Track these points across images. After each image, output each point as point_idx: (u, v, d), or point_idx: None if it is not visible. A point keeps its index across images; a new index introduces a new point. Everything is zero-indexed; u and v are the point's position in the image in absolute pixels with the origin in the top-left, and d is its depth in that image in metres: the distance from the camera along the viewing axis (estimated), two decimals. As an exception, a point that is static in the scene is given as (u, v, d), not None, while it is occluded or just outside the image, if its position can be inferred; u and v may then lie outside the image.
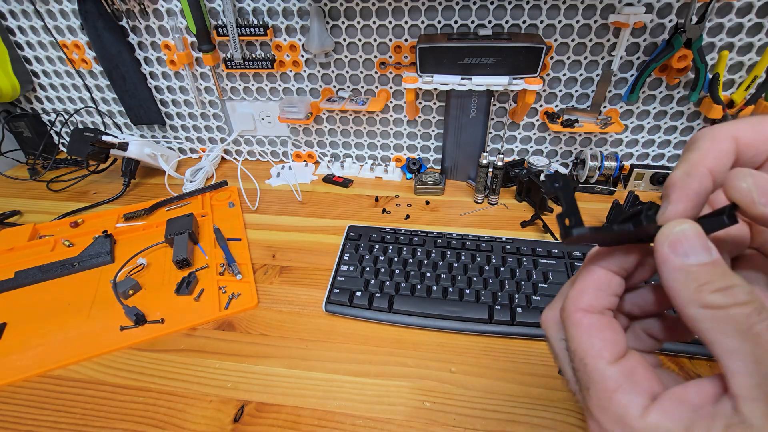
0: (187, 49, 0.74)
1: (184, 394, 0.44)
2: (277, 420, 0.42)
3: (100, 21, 0.71)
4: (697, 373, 0.44)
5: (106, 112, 0.87)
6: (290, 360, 0.48)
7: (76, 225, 0.70)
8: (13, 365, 0.48)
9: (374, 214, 0.71)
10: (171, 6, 0.70)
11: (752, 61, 0.62)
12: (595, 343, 0.18)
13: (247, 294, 0.55)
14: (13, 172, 0.87)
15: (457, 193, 0.76)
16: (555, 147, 0.77)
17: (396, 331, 0.51)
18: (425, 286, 0.54)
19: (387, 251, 0.59)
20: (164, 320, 0.52)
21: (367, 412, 0.42)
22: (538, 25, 0.64)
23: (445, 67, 0.63)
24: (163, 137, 0.88)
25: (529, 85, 0.63)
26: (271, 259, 0.62)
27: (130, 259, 0.61)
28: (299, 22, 0.69)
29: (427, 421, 0.41)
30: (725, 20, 0.60)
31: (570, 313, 0.18)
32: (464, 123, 0.72)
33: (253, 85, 0.78)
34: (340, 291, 0.54)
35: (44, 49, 0.79)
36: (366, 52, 0.71)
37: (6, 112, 0.86)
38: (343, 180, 0.79)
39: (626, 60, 0.66)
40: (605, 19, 0.62)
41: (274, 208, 0.74)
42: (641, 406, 0.16)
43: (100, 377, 0.46)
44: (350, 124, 0.80)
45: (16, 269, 0.59)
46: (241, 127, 0.84)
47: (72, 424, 0.42)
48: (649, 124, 0.72)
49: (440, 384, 0.44)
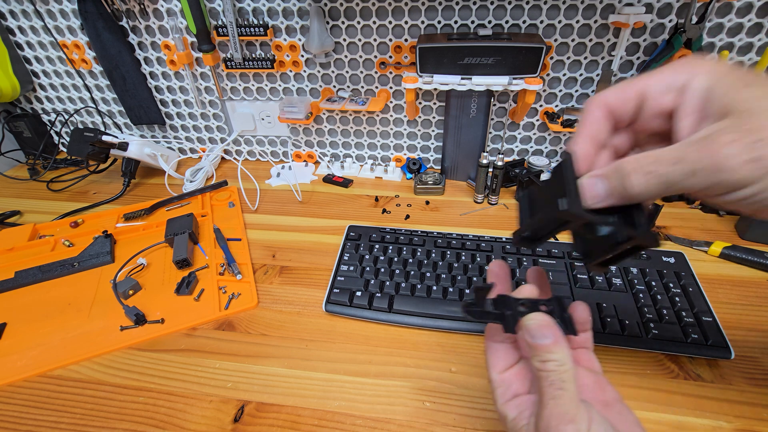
0: (187, 49, 0.74)
1: (184, 394, 0.44)
2: (277, 420, 0.42)
3: (100, 21, 0.71)
4: (697, 373, 0.44)
5: (106, 112, 0.87)
6: (290, 360, 0.48)
7: (76, 225, 0.70)
8: (13, 365, 0.48)
9: (374, 214, 0.71)
10: (171, 6, 0.70)
11: (752, 61, 0.62)
12: (492, 360, 0.30)
13: (247, 294, 0.55)
14: (13, 172, 0.87)
15: (457, 193, 0.76)
16: (555, 147, 0.77)
17: (396, 331, 0.51)
18: (425, 286, 0.54)
19: (387, 251, 0.59)
20: (164, 320, 0.52)
21: (367, 412, 0.42)
22: (538, 25, 0.64)
23: (445, 67, 0.63)
24: (163, 137, 0.89)
25: (529, 85, 0.63)
26: (271, 259, 0.62)
27: (130, 259, 0.61)
28: (299, 22, 0.69)
29: (427, 421, 0.41)
30: (725, 20, 0.60)
31: (486, 341, 0.31)
32: (464, 123, 0.72)
33: (253, 85, 0.78)
34: (340, 291, 0.54)
35: (44, 49, 0.79)
36: (366, 52, 0.71)
37: (6, 112, 0.86)
38: (343, 180, 0.79)
39: (626, 60, 0.66)
40: (605, 19, 0.62)
41: (274, 208, 0.74)
42: (505, 399, 0.28)
43: (100, 377, 0.46)
44: (350, 124, 0.80)
45: (16, 269, 0.59)
46: (241, 127, 0.84)
47: (72, 424, 0.42)
48: (649, 124, 0.72)
49: (440, 384, 0.44)
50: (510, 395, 0.28)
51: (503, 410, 0.28)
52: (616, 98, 0.26)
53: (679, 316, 0.48)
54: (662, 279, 0.53)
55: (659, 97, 0.24)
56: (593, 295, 0.51)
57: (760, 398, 0.42)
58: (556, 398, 0.24)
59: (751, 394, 0.42)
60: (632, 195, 0.23)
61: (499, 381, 0.29)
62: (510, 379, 0.29)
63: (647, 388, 0.43)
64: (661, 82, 0.24)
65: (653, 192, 0.23)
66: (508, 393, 0.29)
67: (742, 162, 0.20)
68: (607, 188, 0.24)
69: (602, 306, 0.49)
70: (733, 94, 0.21)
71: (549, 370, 0.25)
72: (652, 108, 0.25)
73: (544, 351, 0.25)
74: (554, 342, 0.26)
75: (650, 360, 0.46)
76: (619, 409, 0.28)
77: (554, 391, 0.25)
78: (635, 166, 0.23)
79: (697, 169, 0.21)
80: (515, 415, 0.27)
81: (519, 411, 0.28)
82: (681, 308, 0.49)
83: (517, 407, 0.28)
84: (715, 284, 0.54)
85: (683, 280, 0.52)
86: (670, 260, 0.55)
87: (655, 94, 0.25)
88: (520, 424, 0.27)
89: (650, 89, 0.25)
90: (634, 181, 0.23)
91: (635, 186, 0.23)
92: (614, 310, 0.49)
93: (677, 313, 0.48)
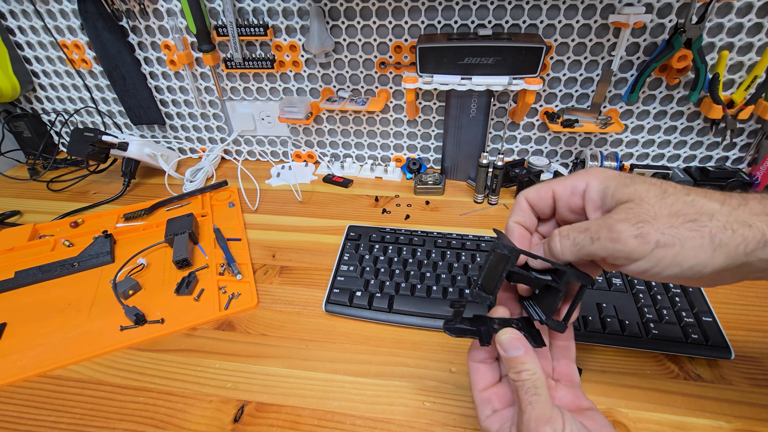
0: (187, 49, 0.74)
1: (184, 394, 0.44)
2: (277, 420, 0.42)
3: (100, 21, 0.71)
4: (697, 373, 0.44)
5: (106, 112, 0.87)
6: (290, 360, 0.48)
7: (76, 225, 0.70)
8: (13, 365, 0.48)
9: (374, 214, 0.71)
10: (171, 6, 0.70)
11: (752, 61, 0.62)
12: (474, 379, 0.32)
13: (247, 294, 0.55)
14: (13, 172, 0.87)
15: (457, 193, 0.76)
16: (555, 147, 0.77)
17: (396, 331, 0.51)
18: (425, 286, 0.54)
19: (387, 251, 0.59)
20: (164, 320, 0.52)
21: (367, 412, 0.42)
22: (538, 25, 0.64)
23: (445, 67, 0.63)
24: (163, 137, 0.89)
25: (529, 85, 0.63)
26: (271, 259, 0.62)
27: (130, 259, 0.61)
28: (299, 22, 0.69)
29: (427, 421, 0.41)
30: (725, 20, 0.60)
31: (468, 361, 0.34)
32: (464, 123, 0.72)
33: (253, 85, 0.78)
34: (340, 291, 0.54)
35: (44, 49, 0.79)
36: (366, 52, 0.71)
37: (6, 112, 0.86)
38: (343, 180, 0.79)
39: (626, 60, 0.66)
40: (605, 19, 0.62)
41: (274, 208, 0.74)
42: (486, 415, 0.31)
43: (100, 377, 0.46)
44: (350, 124, 0.80)
45: (16, 269, 0.59)
46: (241, 127, 0.84)
47: (72, 424, 0.42)
48: (649, 124, 0.72)
49: (440, 384, 0.44)
50: (490, 411, 0.31)
51: (486, 425, 0.31)
52: (536, 196, 0.33)
53: (679, 316, 0.48)
54: (662, 279, 0.53)
55: (568, 198, 0.31)
56: (593, 295, 0.51)
57: (760, 398, 0.42)
58: (532, 403, 0.27)
59: (751, 394, 0.42)
60: (555, 253, 0.30)
61: (481, 399, 0.32)
62: (490, 396, 0.32)
63: (647, 388, 0.43)
64: (567, 187, 0.31)
65: (567, 252, 0.29)
66: (489, 409, 0.31)
67: (630, 236, 0.26)
68: (543, 249, 0.31)
69: (602, 306, 0.49)
70: (621, 191, 0.28)
71: (524, 379, 0.28)
72: (565, 206, 0.32)
73: (518, 362, 0.29)
74: (525, 353, 0.29)
75: (650, 360, 0.46)
76: (592, 415, 0.31)
77: (530, 397, 0.27)
78: (558, 231, 0.30)
79: (599, 237, 0.27)
80: (497, 428, 0.30)
81: (500, 424, 0.30)
82: (681, 308, 0.49)
83: (499, 421, 0.30)
84: (715, 284, 0.54)
85: (683, 280, 0.52)
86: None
87: (564, 196, 0.31)
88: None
89: (559, 192, 0.32)
90: (556, 242, 0.30)
91: (557, 245, 0.30)
92: (614, 310, 0.49)
93: (677, 313, 0.48)
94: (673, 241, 0.25)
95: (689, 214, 0.25)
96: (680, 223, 0.25)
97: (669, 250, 0.25)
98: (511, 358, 0.29)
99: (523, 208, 0.34)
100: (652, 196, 0.27)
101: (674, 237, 0.25)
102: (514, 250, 0.30)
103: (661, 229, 0.25)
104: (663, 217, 0.26)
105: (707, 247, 0.25)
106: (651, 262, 0.25)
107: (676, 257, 0.25)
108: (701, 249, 0.25)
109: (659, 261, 0.25)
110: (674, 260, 0.25)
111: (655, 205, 0.26)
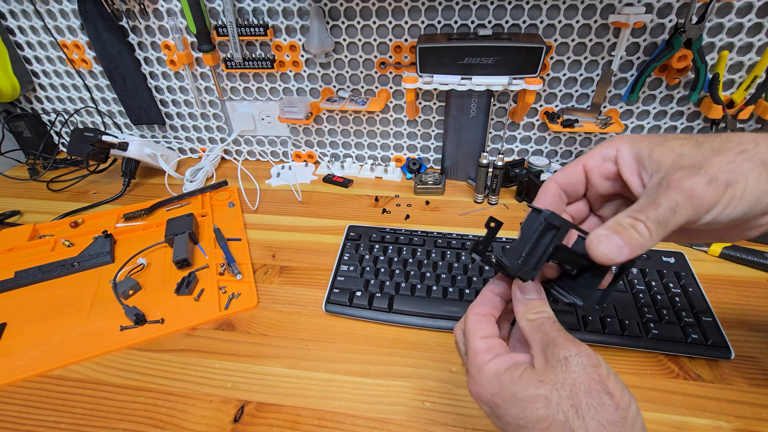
0: (187, 49, 0.74)
1: (184, 394, 0.44)
2: (277, 420, 0.42)
3: (100, 21, 0.71)
4: (697, 373, 0.44)
5: (106, 112, 0.87)
6: (290, 360, 0.48)
7: (76, 225, 0.70)
8: (13, 365, 0.48)
9: (374, 214, 0.71)
10: (171, 6, 0.70)
11: (752, 61, 0.62)
12: (475, 328, 0.31)
13: (247, 294, 0.55)
14: (13, 172, 0.87)
15: (457, 193, 0.76)
16: (555, 147, 0.77)
17: (396, 331, 0.51)
18: (425, 286, 0.54)
19: (387, 251, 0.59)
20: (164, 320, 0.52)
21: (367, 412, 0.42)
22: (538, 25, 0.64)
23: (445, 67, 0.63)
24: (163, 137, 0.89)
25: (529, 85, 0.63)
26: (271, 259, 0.62)
27: (130, 259, 0.61)
28: (299, 22, 0.69)
29: (427, 421, 0.41)
30: (725, 20, 0.60)
31: (468, 313, 0.33)
32: (464, 123, 0.72)
33: (253, 85, 0.78)
34: (340, 291, 0.54)
35: (44, 49, 0.79)
36: (366, 52, 0.71)
37: (6, 112, 0.86)
38: (343, 180, 0.79)
39: (626, 60, 0.66)
40: (605, 19, 0.62)
41: (274, 208, 0.74)
42: (488, 359, 0.29)
43: (100, 377, 0.46)
44: (350, 124, 0.80)
45: (16, 269, 0.59)
46: (241, 127, 0.84)
47: (72, 424, 0.42)
48: (649, 124, 0.72)
49: (440, 384, 0.44)
50: (492, 355, 0.29)
51: (490, 367, 0.29)
52: (565, 177, 0.32)
53: (679, 316, 0.48)
54: (662, 279, 0.53)
55: (601, 166, 0.30)
56: (593, 295, 0.51)
57: (760, 398, 0.42)
58: (559, 330, 0.28)
59: (751, 394, 0.42)
60: (641, 243, 0.25)
61: (483, 344, 0.30)
62: (493, 343, 0.30)
63: (647, 388, 0.43)
64: (596, 157, 0.31)
65: (656, 234, 0.25)
66: (491, 354, 0.29)
67: (703, 185, 0.24)
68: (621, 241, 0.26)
69: (602, 306, 0.49)
70: (657, 150, 0.27)
71: (546, 316, 0.29)
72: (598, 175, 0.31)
73: (538, 304, 0.30)
74: (542, 297, 0.30)
75: (650, 360, 0.46)
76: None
77: (556, 331, 0.28)
78: (630, 221, 0.25)
79: (677, 203, 0.25)
80: (508, 365, 0.28)
81: (511, 362, 0.28)
82: (681, 308, 0.49)
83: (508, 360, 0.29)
84: (715, 284, 0.54)
85: (683, 280, 0.52)
86: (670, 260, 0.56)
87: (596, 165, 0.31)
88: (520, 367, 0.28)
89: (589, 164, 0.31)
90: (640, 230, 0.25)
91: (642, 234, 0.25)
92: (614, 310, 0.49)
93: (677, 313, 0.48)
94: (737, 176, 0.24)
95: (734, 148, 0.25)
96: (733, 156, 0.25)
97: (738, 187, 0.24)
98: (531, 300, 0.30)
99: (551, 192, 0.32)
100: (690, 145, 0.26)
101: (736, 172, 0.24)
102: (566, 222, 0.28)
103: (722, 168, 0.24)
104: (715, 158, 0.25)
105: (765, 174, 0.24)
106: (724, 204, 0.25)
107: (744, 192, 0.24)
108: (760, 179, 0.24)
109: (731, 200, 0.25)
110: (743, 195, 0.24)
111: (699, 152, 0.25)
